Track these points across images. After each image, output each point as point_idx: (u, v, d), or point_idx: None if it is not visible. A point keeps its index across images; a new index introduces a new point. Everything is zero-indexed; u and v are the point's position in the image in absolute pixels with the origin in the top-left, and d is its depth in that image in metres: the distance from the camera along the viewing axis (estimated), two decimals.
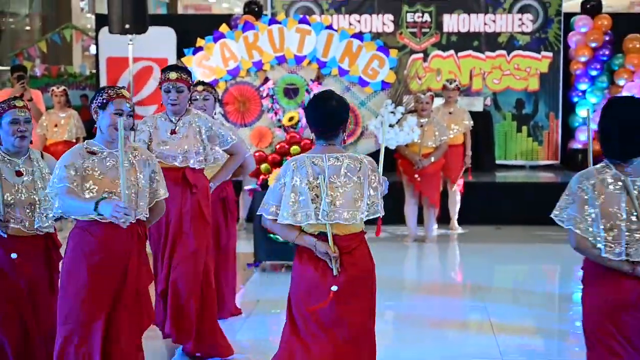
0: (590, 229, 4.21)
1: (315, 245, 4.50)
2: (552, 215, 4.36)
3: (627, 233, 4.17)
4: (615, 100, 4.75)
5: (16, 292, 5.09)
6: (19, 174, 5.06)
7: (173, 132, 6.17)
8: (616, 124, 4.29)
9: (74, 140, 11.61)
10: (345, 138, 4.91)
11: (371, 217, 4.63)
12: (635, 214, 4.18)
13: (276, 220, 4.58)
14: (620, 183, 4.22)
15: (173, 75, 6.17)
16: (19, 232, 5.02)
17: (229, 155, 6.60)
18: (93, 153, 4.64)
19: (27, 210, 5.00)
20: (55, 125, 11.68)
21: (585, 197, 4.24)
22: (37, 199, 5.04)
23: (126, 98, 4.74)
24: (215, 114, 7.54)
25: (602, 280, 4.30)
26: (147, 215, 4.83)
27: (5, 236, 4.95)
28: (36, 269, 5.11)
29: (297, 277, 4.70)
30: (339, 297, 4.51)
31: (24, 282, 5.09)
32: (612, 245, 4.18)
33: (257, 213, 4.74)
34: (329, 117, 4.69)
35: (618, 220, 4.18)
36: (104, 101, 4.67)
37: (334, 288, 4.48)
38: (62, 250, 4.97)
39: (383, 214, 4.69)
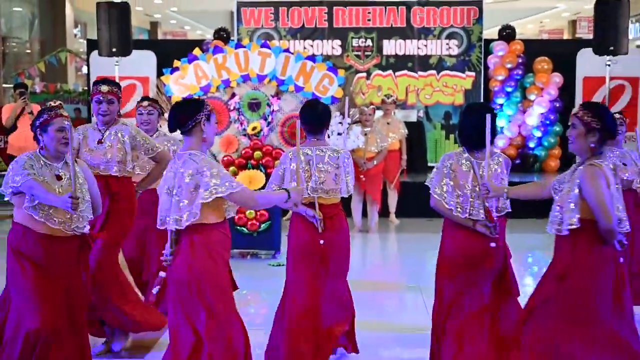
0: (445, 195, 5.02)
1: (306, 211, 5.35)
2: (426, 182, 5.23)
3: (470, 199, 4.96)
4: (471, 105, 5.69)
5: (53, 286, 4.79)
6: (58, 178, 4.80)
7: (100, 141, 5.82)
8: (469, 123, 5.07)
9: None
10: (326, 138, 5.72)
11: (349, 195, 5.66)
12: (477, 186, 4.91)
13: None
14: (469, 164, 4.99)
15: (105, 88, 5.84)
16: (59, 233, 4.75)
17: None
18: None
19: (67, 212, 4.72)
20: None
21: (445, 172, 5.05)
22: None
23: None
24: (160, 126, 7.22)
25: (454, 231, 5.10)
26: None
27: (75, 213, 4.72)
28: (71, 267, 4.86)
29: (293, 235, 5.53)
30: (326, 247, 5.38)
31: (61, 278, 4.81)
32: (460, 208, 4.98)
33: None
34: (317, 119, 5.52)
35: (465, 190, 4.97)
36: (209, 113, 4.58)
37: (322, 241, 5.35)
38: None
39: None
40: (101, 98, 5.81)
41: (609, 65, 12.05)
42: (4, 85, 17.64)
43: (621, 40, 11.85)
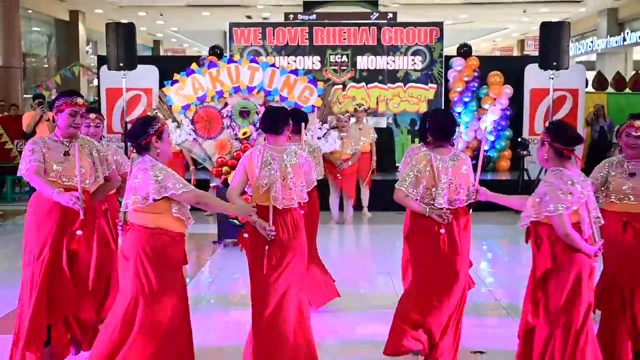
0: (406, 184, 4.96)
1: None
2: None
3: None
4: (432, 111, 6.18)
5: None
6: None
7: (66, 153, 4.95)
8: (426, 125, 5.31)
9: None
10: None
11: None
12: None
13: None
14: (428, 156, 4.93)
15: (80, 100, 5.05)
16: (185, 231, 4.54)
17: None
18: None
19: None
20: None
21: (409, 161, 5.42)
22: None
23: None
24: (102, 139, 6.47)
25: (420, 219, 4.96)
26: None
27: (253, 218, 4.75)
28: None
29: None
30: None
31: None
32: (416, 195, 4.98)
33: None
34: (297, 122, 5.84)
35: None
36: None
37: (302, 212, 5.19)
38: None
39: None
40: (77, 110, 5.01)
41: (552, 78, 12.12)
42: (25, 96, 17.51)
43: (563, 57, 11.93)
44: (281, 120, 4.89)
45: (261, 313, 4.75)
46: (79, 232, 4.82)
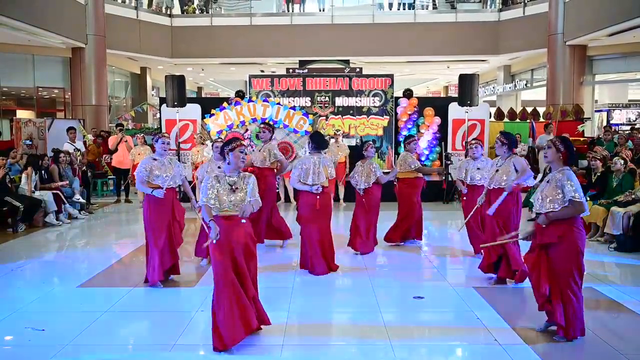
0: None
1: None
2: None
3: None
4: (315, 133, 6.60)
5: None
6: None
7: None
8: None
9: None
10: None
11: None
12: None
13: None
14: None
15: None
16: None
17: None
18: None
19: None
20: (139, 154, 11.44)
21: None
22: None
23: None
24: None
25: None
26: None
27: None
28: None
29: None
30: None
31: None
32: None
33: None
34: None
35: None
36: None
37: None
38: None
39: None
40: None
41: (467, 112, 12.18)
42: (110, 125, 17.47)
43: (474, 98, 12.03)
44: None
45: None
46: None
